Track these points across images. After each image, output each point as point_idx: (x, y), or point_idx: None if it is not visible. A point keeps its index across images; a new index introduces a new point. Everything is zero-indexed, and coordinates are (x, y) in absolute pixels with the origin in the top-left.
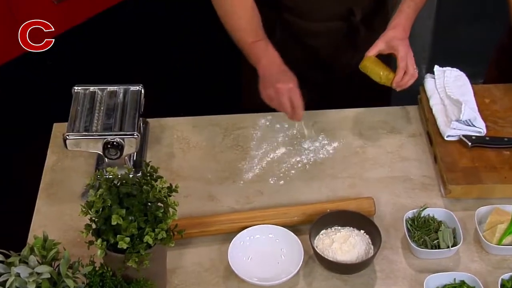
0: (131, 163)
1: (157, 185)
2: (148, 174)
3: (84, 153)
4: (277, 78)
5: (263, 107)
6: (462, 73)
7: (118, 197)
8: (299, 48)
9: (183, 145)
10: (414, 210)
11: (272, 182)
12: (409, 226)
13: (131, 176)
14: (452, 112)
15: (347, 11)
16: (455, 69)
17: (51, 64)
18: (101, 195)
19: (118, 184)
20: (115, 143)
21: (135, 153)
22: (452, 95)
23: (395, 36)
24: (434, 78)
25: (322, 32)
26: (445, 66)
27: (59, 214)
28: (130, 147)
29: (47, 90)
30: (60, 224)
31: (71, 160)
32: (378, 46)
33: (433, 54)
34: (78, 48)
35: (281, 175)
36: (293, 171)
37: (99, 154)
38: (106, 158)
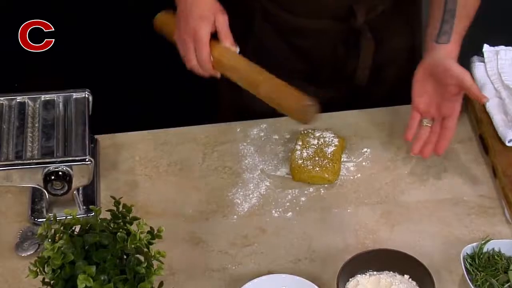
0: (81, 198)
1: (135, 231)
2: (121, 215)
3: (12, 188)
4: (193, 9)
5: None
6: None
7: (84, 249)
8: (283, 48)
9: (150, 170)
10: (474, 244)
11: (276, 214)
12: (468, 266)
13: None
14: None
15: (345, 10)
16: (511, 48)
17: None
18: (60, 247)
19: (80, 232)
20: (60, 173)
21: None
22: (511, 84)
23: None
24: (484, 62)
25: (312, 31)
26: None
27: None
28: (81, 177)
29: None
30: None
31: None
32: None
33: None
34: None
35: (288, 204)
36: (303, 199)
37: (34, 188)
38: (48, 194)
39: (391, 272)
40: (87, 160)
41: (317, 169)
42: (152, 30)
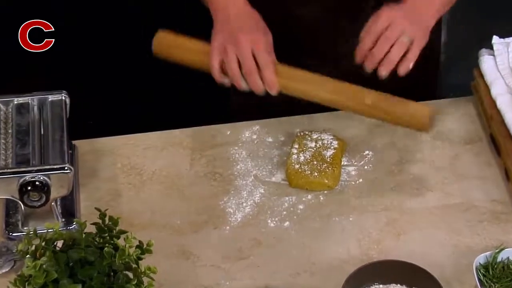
0: (60, 210)
1: (124, 246)
2: (107, 228)
3: None
4: (241, 25)
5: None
6: None
7: (68, 266)
8: (285, 19)
9: (133, 178)
10: (487, 253)
11: (272, 224)
12: (481, 277)
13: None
14: None
15: None
16: None
17: None
18: (42, 265)
19: (63, 247)
20: (37, 183)
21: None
22: None
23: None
24: (494, 56)
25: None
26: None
27: None
28: (60, 187)
29: None
30: None
31: None
32: None
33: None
34: None
35: (284, 213)
36: (301, 206)
37: (8, 200)
38: (23, 206)
39: (398, 285)
40: (66, 168)
41: (316, 174)
42: (151, 31)
